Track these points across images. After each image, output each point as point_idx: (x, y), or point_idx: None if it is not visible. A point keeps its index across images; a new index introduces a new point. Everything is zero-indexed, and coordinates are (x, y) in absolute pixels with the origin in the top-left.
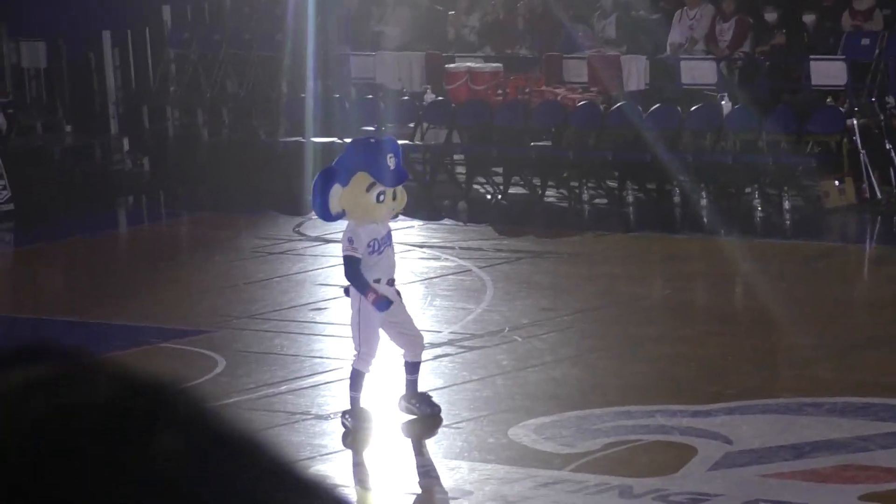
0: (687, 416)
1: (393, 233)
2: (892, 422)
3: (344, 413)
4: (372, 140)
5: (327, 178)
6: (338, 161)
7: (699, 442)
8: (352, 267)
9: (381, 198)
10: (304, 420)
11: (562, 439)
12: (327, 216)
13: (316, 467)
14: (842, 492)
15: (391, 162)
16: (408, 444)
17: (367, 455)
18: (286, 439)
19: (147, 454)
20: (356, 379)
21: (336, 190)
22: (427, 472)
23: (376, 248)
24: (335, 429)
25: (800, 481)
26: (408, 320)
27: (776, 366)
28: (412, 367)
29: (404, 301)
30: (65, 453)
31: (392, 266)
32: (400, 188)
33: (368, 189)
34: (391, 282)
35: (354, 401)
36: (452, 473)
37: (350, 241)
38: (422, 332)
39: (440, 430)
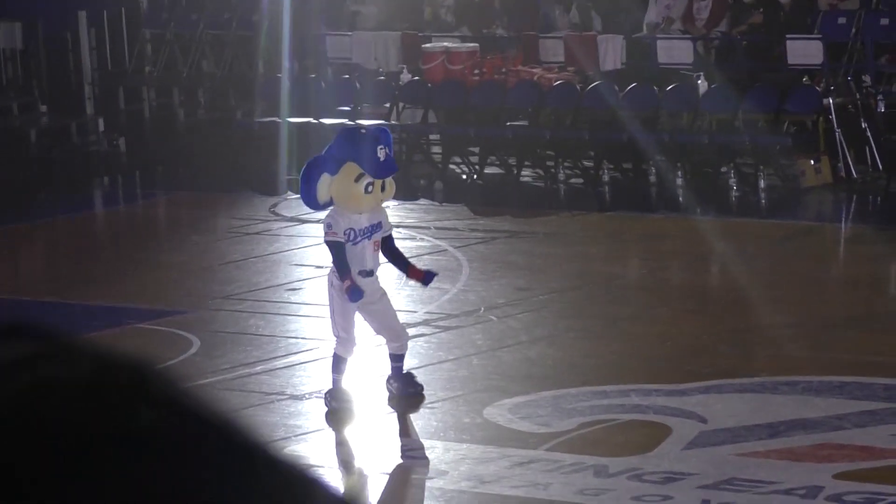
0: (662, 395)
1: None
2: (868, 400)
3: (326, 393)
4: (363, 130)
5: (315, 166)
6: (328, 150)
7: (674, 421)
8: (335, 251)
9: (370, 188)
10: (279, 400)
11: (537, 419)
12: (314, 205)
13: (291, 447)
14: (817, 470)
15: (381, 153)
16: (387, 423)
17: (343, 435)
18: (261, 419)
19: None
20: (338, 362)
21: (325, 179)
22: (403, 452)
23: (352, 237)
24: (311, 409)
25: (775, 460)
26: (390, 314)
27: (751, 345)
28: (396, 357)
29: (387, 292)
30: (41, 431)
31: (366, 259)
32: (389, 180)
33: (357, 179)
34: (365, 273)
35: (336, 381)
36: (428, 453)
37: (329, 226)
38: (405, 326)
39: (416, 409)
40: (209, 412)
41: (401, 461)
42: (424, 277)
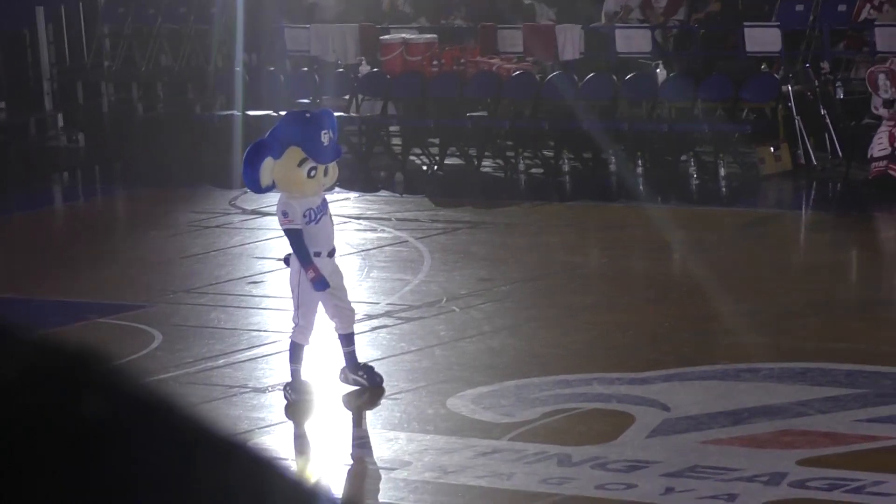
0: (624, 383)
1: (329, 205)
2: (830, 387)
3: (286, 385)
4: (307, 114)
5: (259, 149)
6: (271, 132)
7: (637, 409)
8: (295, 239)
9: (313, 173)
10: (242, 393)
11: (500, 409)
12: (257, 188)
13: (255, 440)
14: (780, 457)
15: (325, 138)
16: (348, 415)
17: (307, 427)
18: (224, 413)
19: (63, 422)
20: (295, 351)
21: (268, 163)
22: (365, 443)
23: (312, 217)
24: (273, 401)
25: (738, 447)
26: (342, 292)
27: (713, 333)
28: (347, 339)
29: (342, 273)
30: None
31: (330, 236)
32: (333, 164)
33: (300, 164)
34: (331, 253)
35: (295, 373)
36: (391, 444)
37: (284, 213)
38: (354, 306)
39: (379, 401)
40: (156, 402)
41: (365, 453)
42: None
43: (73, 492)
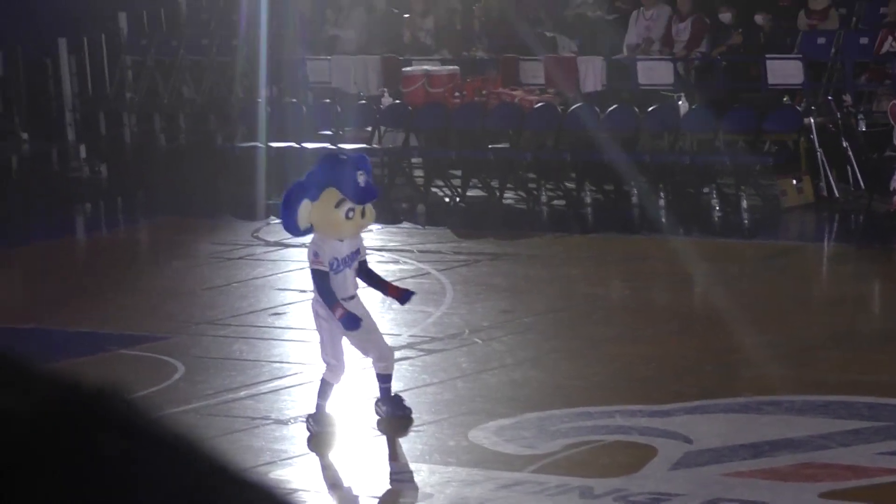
0: (647, 416)
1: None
2: (852, 420)
3: (308, 417)
4: (342, 156)
5: (297, 192)
6: (307, 176)
7: (659, 442)
8: (321, 280)
9: (350, 214)
10: (264, 425)
11: (522, 441)
12: (295, 231)
13: (276, 472)
14: (802, 490)
15: (361, 179)
16: (370, 447)
17: (328, 459)
18: (246, 444)
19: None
20: (324, 388)
21: (305, 205)
22: (390, 476)
23: (335, 267)
24: (295, 433)
25: (760, 480)
26: (375, 334)
27: (735, 365)
28: (384, 378)
29: (369, 312)
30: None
31: (346, 285)
32: (369, 206)
33: (337, 205)
34: (348, 298)
35: (320, 407)
36: (413, 476)
37: (315, 255)
38: (390, 345)
39: (402, 433)
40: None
41: (388, 485)
42: (402, 296)
43: None
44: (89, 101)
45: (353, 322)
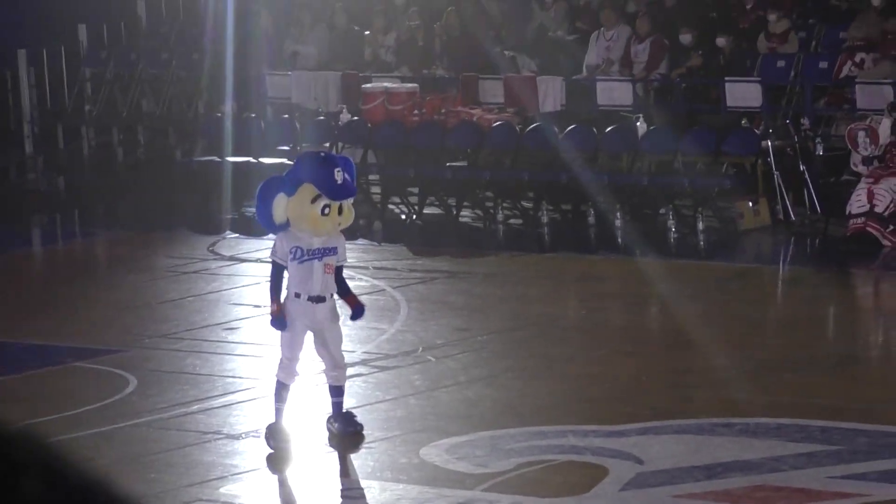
0: (599, 436)
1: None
2: (805, 443)
3: (267, 428)
4: (322, 153)
5: (272, 186)
6: (287, 172)
7: (611, 462)
8: (273, 272)
9: (326, 210)
10: (215, 439)
11: (474, 459)
12: (270, 225)
13: (226, 487)
14: None
15: (339, 176)
16: (323, 463)
17: (280, 475)
18: (197, 459)
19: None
20: (280, 391)
21: (280, 199)
22: (340, 492)
23: (299, 256)
24: (247, 448)
25: (712, 501)
26: (336, 342)
27: (689, 386)
28: (335, 391)
29: (332, 322)
30: None
31: (315, 281)
32: (348, 204)
33: (314, 201)
34: (315, 299)
35: (278, 412)
36: (364, 493)
37: (275, 246)
38: (345, 360)
39: (353, 449)
40: (90, 482)
41: (339, 502)
42: (354, 310)
43: None
44: (48, 114)
45: (279, 324)
